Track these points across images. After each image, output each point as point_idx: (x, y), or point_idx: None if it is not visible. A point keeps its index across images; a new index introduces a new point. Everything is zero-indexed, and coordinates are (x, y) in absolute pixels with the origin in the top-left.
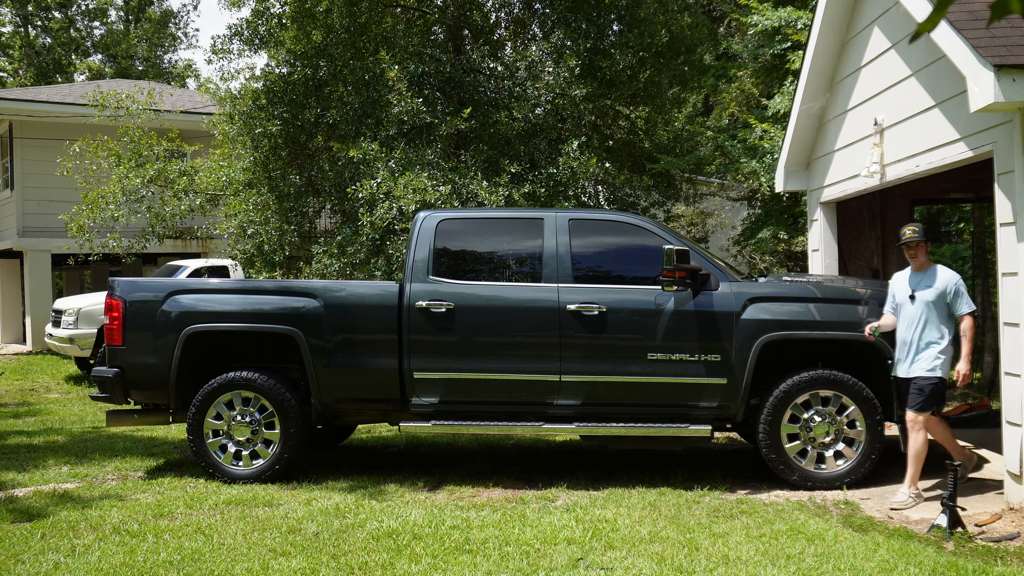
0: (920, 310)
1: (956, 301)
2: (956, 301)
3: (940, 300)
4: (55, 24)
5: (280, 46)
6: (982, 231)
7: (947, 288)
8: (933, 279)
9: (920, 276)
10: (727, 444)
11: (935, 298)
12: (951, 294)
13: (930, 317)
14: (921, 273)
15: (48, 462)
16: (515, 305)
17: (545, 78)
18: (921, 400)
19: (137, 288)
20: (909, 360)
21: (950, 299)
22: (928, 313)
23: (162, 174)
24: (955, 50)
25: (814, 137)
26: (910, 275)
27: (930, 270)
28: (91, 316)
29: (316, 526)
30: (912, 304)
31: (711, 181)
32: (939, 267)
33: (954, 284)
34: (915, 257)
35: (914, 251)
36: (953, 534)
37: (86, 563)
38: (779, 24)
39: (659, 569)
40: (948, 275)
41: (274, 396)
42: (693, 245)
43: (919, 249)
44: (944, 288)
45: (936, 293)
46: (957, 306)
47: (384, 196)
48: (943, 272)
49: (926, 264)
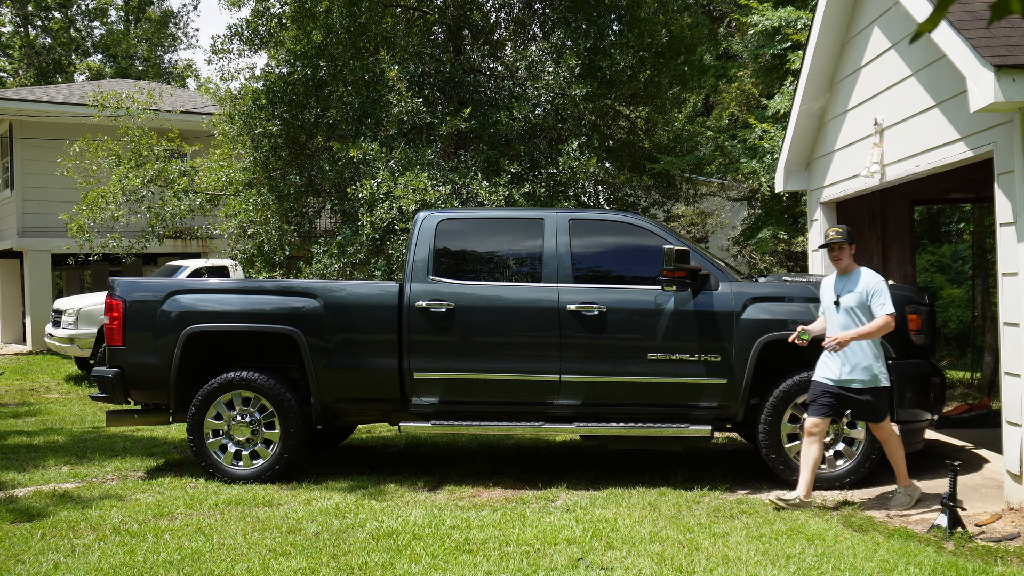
0: (844, 316)
1: (875, 301)
2: (875, 301)
3: (862, 304)
4: (55, 24)
5: (280, 46)
6: (982, 231)
7: (867, 291)
8: (855, 283)
9: (844, 280)
10: (727, 444)
11: (857, 303)
12: (871, 295)
13: (854, 323)
14: (845, 277)
15: (48, 462)
16: (515, 305)
17: (545, 78)
18: (873, 412)
19: (137, 288)
20: (838, 366)
21: (870, 301)
22: (852, 319)
23: (162, 174)
24: (955, 50)
25: (814, 137)
26: (835, 280)
27: (853, 274)
28: (91, 316)
29: (316, 526)
30: (837, 310)
31: (711, 181)
32: (863, 270)
33: (874, 285)
34: (838, 260)
35: (837, 253)
36: (953, 534)
37: (86, 563)
38: (779, 24)
39: (659, 569)
40: (869, 277)
41: (274, 396)
42: (693, 245)
43: (842, 251)
44: (864, 291)
45: (857, 298)
46: (876, 307)
47: (384, 196)
48: (865, 275)
49: (850, 267)
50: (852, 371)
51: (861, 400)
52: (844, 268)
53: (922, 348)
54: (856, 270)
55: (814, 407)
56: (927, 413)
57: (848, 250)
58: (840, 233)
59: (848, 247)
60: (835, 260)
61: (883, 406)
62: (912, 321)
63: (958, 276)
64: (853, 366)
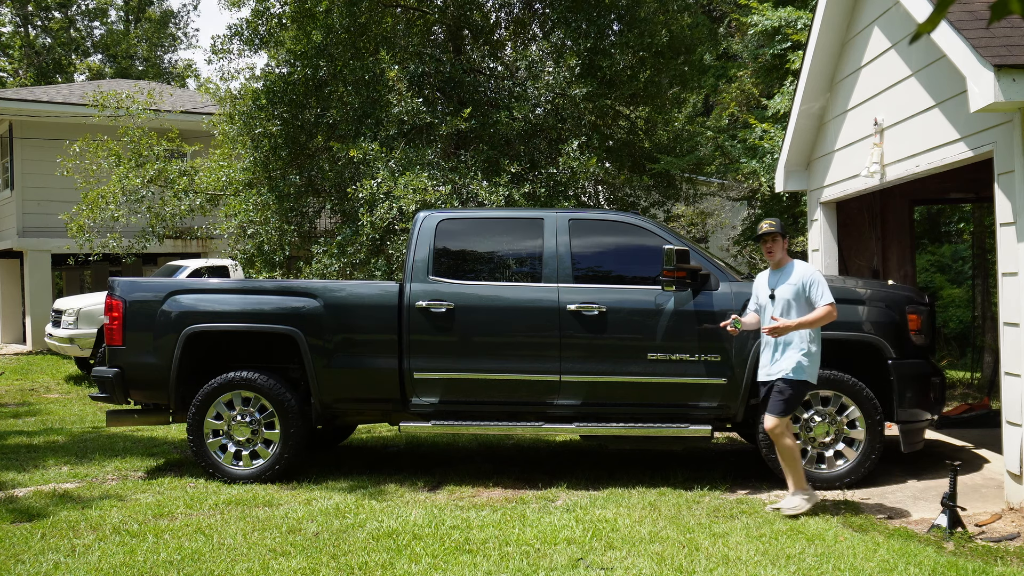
0: (780, 309)
1: (813, 291)
2: (813, 291)
3: (799, 296)
4: (55, 24)
5: (280, 46)
6: (982, 231)
7: (804, 282)
8: (789, 275)
9: (778, 274)
10: (727, 444)
11: (793, 295)
12: (808, 286)
13: (790, 316)
14: (779, 271)
15: (48, 462)
16: (515, 305)
17: (545, 78)
18: (781, 402)
19: (137, 288)
20: (771, 361)
21: (809, 292)
22: (787, 312)
23: (162, 174)
24: (955, 50)
25: (814, 137)
26: (769, 274)
27: (787, 267)
28: (91, 316)
29: (316, 526)
30: (772, 304)
31: (711, 181)
32: (796, 263)
33: (810, 276)
34: (771, 253)
35: (770, 245)
36: (953, 534)
37: (86, 563)
38: (779, 24)
39: (659, 569)
40: (804, 269)
41: (274, 396)
42: (693, 245)
43: (775, 244)
44: (800, 283)
45: (793, 289)
46: (816, 297)
47: (384, 196)
48: (800, 267)
49: (784, 261)
50: (783, 360)
51: (777, 387)
52: (777, 262)
53: (922, 348)
54: (790, 263)
55: (767, 407)
56: (927, 413)
57: (781, 243)
58: (773, 225)
59: (781, 239)
60: (768, 253)
61: (792, 401)
62: (912, 321)
63: (958, 276)
64: (787, 357)
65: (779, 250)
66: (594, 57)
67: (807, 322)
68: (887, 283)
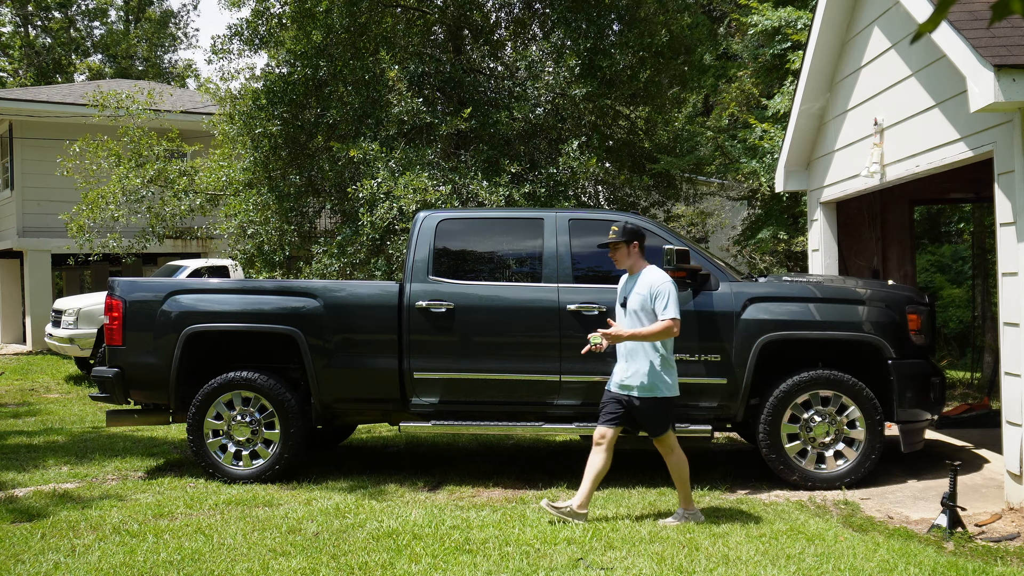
0: (630, 319)
1: (657, 303)
2: (657, 303)
3: (645, 307)
4: (55, 24)
5: (280, 46)
6: (982, 231)
7: (650, 292)
8: (637, 283)
9: (632, 281)
10: (727, 444)
11: (640, 305)
12: (654, 297)
13: (636, 326)
14: (633, 277)
15: (48, 462)
16: (515, 305)
17: (545, 78)
18: (657, 425)
19: (137, 288)
20: (620, 373)
21: (653, 304)
22: (636, 322)
23: (162, 174)
24: (955, 50)
25: (814, 137)
26: (625, 279)
27: (639, 273)
28: (91, 316)
29: (316, 526)
30: (624, 313)
31: (711, 181)
32: (648, 269)
33: (657, 286)
34: (617, 261)
35: (613, 254)
36: (953, 534)
37: (86, 563)
38: (779, 24)
39: (659, 569)
40: (653, 277)
41: (274, 396)
42: (693, 245)
43: (617, 251)
44: (647, 293)
45: (640, 299)
46: (658, 309)
47: (384, 196)
48: (648, 276)
49: (637, 267)
50: (631, 377)
51: (639, 409)
52: (630, 268)
53: (922, 348)
54: (642, 270)
55: (601, 415)
56: (927, 413)
57: (626, 249)
58: (616, 232)
59: (626, 246)
60: (616, 262)
61: (663, 418)
62: (912, 321)
63: (958, 276)
64: (633, 372)
65: (623, 257)
66: (594, 57)
67: (641, 335)
68: (887, 283)
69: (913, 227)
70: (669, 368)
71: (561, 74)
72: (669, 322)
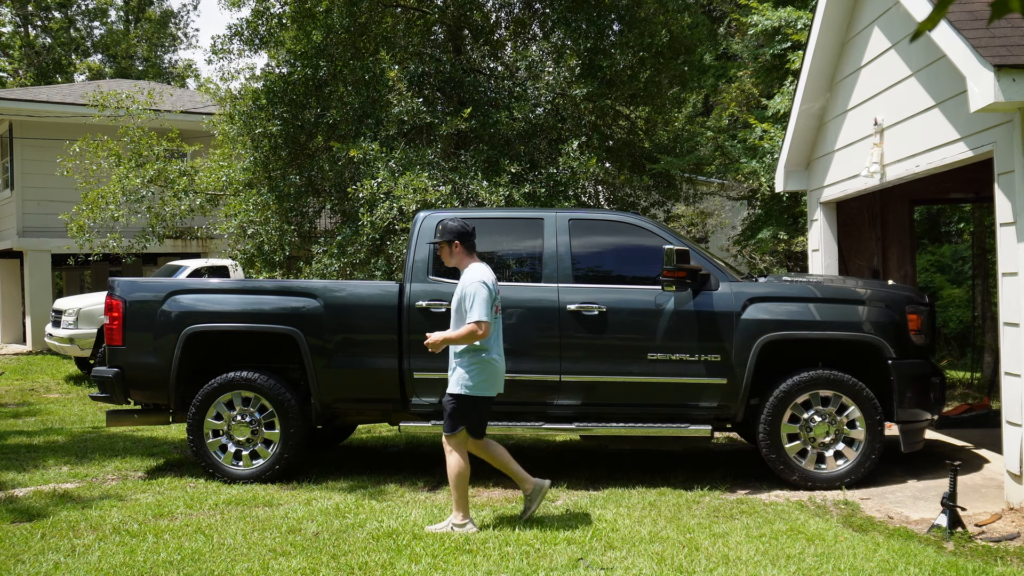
0: (454, 317)
1: (466, 304)
2: (466, 304)
3: (460, 307)
4: (55, 24)
5: (280, 46)
6: (982, 231)
7: (463, 292)
8: (459, 282)
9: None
10: (727, 444)
11: (456, 305)
12: (467, 298)
13: (455, 326)
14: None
15: (48, 462)
16: (515, 305)
17: (545, 78)
18: (447, 418)
19: (137, 288)
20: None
21: (465, 304)
22: (456, 321)
23: (162, 174)
24: (955, 50)
25: (814, 137)
26: None
27: (464, 272)
28: (91, 316)
29: (316, 526)
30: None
31: (711, 181)
32: (471, 267)
33: (468, 287)
34: (445, 260)
35: (440, 253)
36: (953, 534)
37: (86, 563)
38: (779, 24)
39: (659, 569)
40: (468, 277)
41: (274, 396)
42: (693, 245)
43: (442, 251)
44: (461, 293)
45: (456, 299)
46: (467, 310)
47: (385, 196)
48: (467, 274)
49: (463, 265)
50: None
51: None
52: (457, 265)
53: (922, 348)
54: (467, 268)
55: None
56: (927, 413)
57: (448, 249)
58: (439, 233)
59: (447, 246)
60: (444, 261)
61: (458, 417)
62: (912, 321)
63: (958, 276)
64: (454, 373)
65: (448, 256)
66: (594, 57)
67: (452, 338)
68: (887, 283)
69: (913, 227)
70: (484, 368)
71: (561, 74)
72: (472, 326)
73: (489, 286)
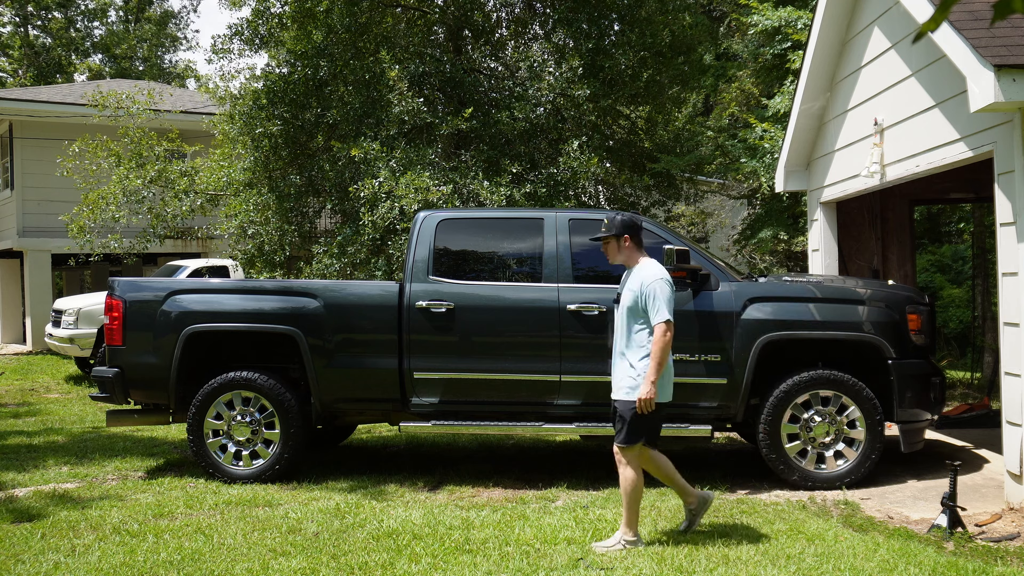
0: (620, 316)
1: (649, 305)
2: (649, 305)
3: (635, 305)
4: (55, 24)
5: (280, 46)
6: (982, 231)
7: (641, 289)
8: (631, 279)
9: (628, 275)
10: (727, 444)
11: (631, 302)
12: (646, 296)
13: (627, 325)
14: (630, 272)
15: (48, 462)
16: (515, 305)
17: (546, 78)
18: (622, 429)
19: (137, 288)
20: (615, 377)
21: (645, 303)
22: (625, 320)
23: (162, 174)
24: (955, 50)
25: (814, 137)
26: (625, 273)
27: (635, 268)
28: (91, 316)
29: (316, 526)
30: (617, 308)
31: (711, 181)
32: (644, 263)
33: (649, 284)
34: (610, 256)
35: (604, 249)
36: (953, 534)
37: (86, 563)
38: (779, 24)
39: (659, 569)
40: (647, 273)
41: (274, 396)
42: (693, 245)
43: (608, 247)
44: (638, 290)
45: (632, 296)
46: (650, 312)
47: (385, 196)
48: (643, 269)
49: (632, 261)
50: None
51: None
52: (625, 261)
53: (922, 348)
54: (639, 263)
55: None
56: (927, 413)
57: (616, 244)
58: (604, 228)
59: (616, 241)
60: (609, 257)
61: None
62: (912, 321)
63: (958, 276)
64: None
65: (614, 253)
66: (596, 57)
67: (655, 367)
68: (887, 283)
69: (913, 227)
70: None
71: (563, 74)
72: (663, 326)
73: (671, 282)
